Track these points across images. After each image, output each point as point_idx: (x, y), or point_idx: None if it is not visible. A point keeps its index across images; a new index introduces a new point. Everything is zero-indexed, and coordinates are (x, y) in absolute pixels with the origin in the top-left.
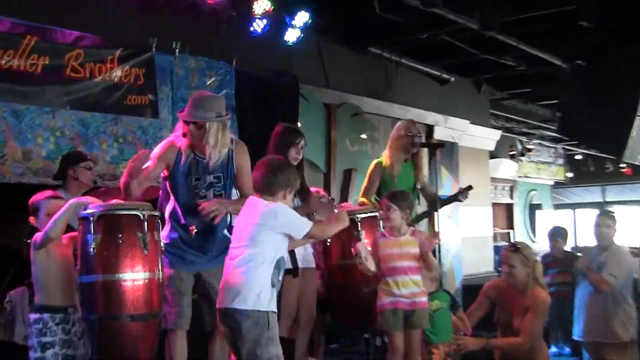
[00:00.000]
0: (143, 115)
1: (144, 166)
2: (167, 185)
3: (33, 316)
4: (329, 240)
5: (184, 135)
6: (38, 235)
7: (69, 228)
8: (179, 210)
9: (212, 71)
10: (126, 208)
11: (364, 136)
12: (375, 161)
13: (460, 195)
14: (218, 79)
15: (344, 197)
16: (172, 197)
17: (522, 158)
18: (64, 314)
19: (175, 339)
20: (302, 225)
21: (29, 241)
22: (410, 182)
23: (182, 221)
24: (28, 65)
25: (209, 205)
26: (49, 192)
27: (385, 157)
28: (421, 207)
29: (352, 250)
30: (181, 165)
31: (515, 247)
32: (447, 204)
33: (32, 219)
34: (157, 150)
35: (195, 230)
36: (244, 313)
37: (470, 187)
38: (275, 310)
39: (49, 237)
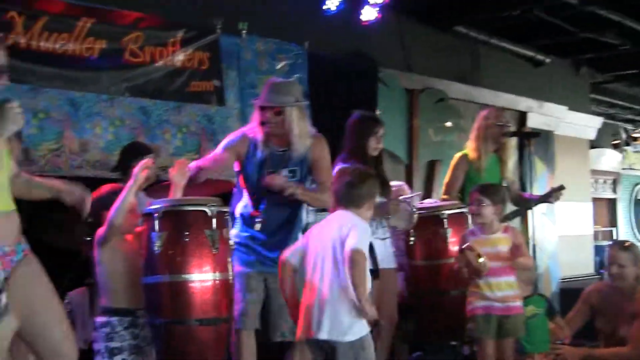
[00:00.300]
0: (208, 102)
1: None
2: (239, 179)
3: (100, 320)
4: (412, 238)
5: (262, 123)
6: (101, 230)
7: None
8: (250, 206)
9: (282, 54)
10: (193, 203)
11: (449, 124)
12: (459, 154)
13: (551, 196)
14: (289, 63)
15: (428, 191)
16: (244, 192)
17: (626, 148)
18: (132, 317)
19: (241, 339)
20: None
21: (89, 239)
22: (497, 176)
23: (254, 218)
24: (84, 49)
25: (278, 179)
26: (109, 187)
27: (470, 149)
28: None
29: (462, 250)
30: (255, 157)
31: (627, 245)
32: (535, 205)
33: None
34: (226, 140)
35: (259, 221)
36: (348, 345)
37: (562, 187)
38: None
39: (114, 225)
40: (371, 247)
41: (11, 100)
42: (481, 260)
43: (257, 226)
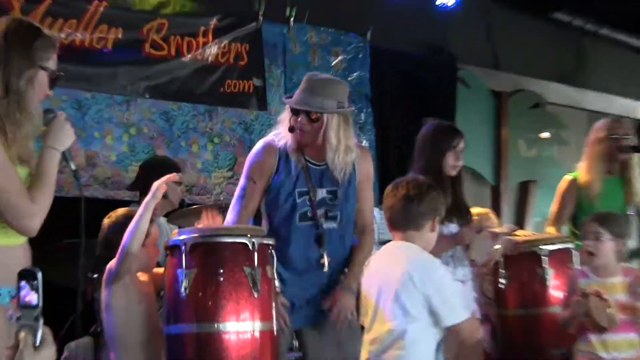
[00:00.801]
0: (246, 106)
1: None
2: (261, 203)
3: None
4: (501, 280)
5: (291, 130)
6: (112, 263)
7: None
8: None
9: (339, 47)
10: (230, 234)
11: (546, 135)
12: (568, 177)
13: None
14: (347, 58)
15: (520, 220)
16: (265, 219)
17: None
18: None
19: None
20: (456, 309)
21: (96, 276)
22: (617, 203)
23: (283, 257)
24: (95, 39)
25: (338, 307)
26: (123, 211)
27: (581, 170)
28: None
29: (584, 294)
30: (285, 172)
31: None
32: None
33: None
34: (250, 163)
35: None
36: None
37: None
38: None
39: (128, 254)
40: None
41: (56, 110)
42: (610, 310)
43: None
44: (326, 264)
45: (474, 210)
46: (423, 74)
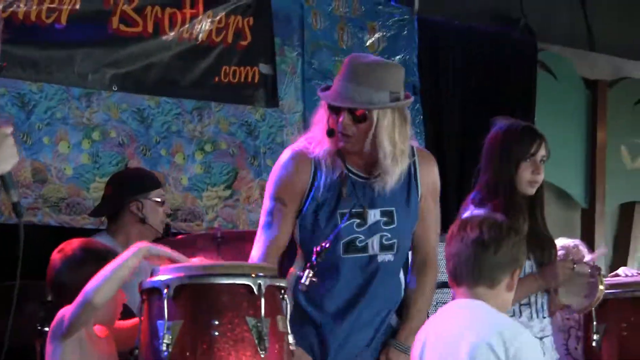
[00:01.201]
0: (250, 101)
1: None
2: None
3: None
4: (595, 336)
5: (330, 133)
6: (67, 310)
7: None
8: (311, 275)
9: (376, 21)
10: (229, 273)
11: None
12: None
13: None
14: (387, 36)
15: (621, 253)
16: (298, 252)
17: None
18: None
19: None
20: None
21: (46, 329)
22: None
23: (320, 297)
24: (44, 11)
25: None
26: (79, 243)
27: None
28: None
29: None
30: (321, 190)
31: None
32: None
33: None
34: (276, 179)
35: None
36: None
37: None
38: None
39: (90, 307)
40: None
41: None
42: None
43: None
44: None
45: (559, 241)
46: (491, 56)
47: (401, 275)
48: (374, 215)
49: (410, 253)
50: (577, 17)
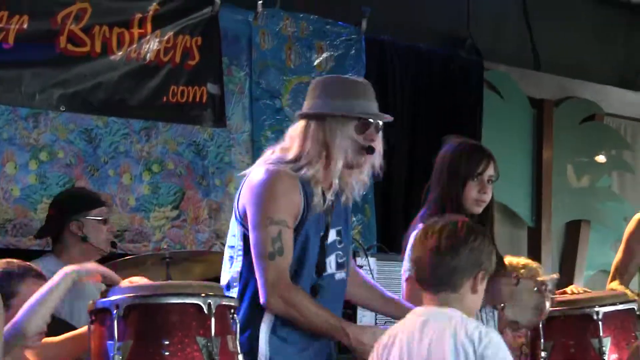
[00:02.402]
0: (198, 121)
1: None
2: None
3: None
4: (543, 353)
5: (372, 150)
6: None
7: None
8: None
9: (323, 41)
10: (179, 292)
11: (602, 159)
12: (638, 215)
13: None
14: (335, 55)
15: (567, 272)
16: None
17: None
18: None
19: None
20: None
21: None
22: None
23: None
24: None
25: None
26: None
27: None
28: None
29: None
30: (310, 211)
31: None
32: None
33: None
34: (271, 201)
35: None
36: None
37: None
38: None
39: (23, 335)
40: None
41: None
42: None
43: None
44: None
45: (511, 259)
46: (438, 76)
47: None
48: (333, 235)
49: None
50: (523, 37)
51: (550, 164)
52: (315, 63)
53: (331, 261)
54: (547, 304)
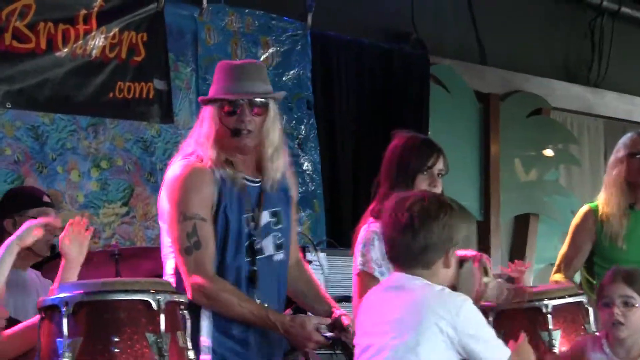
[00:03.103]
0: (145, 117)
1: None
2: None
3: None
4: None
5: (236, 133)
6: None
7: None
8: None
9: (269, 36)
10: (127, 289)
11: (549, 153)
12: (585, 208)
13: None
14: (281, 51)
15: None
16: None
17: None
18: None
19: None
20: (497, 348)
21: None
22: None
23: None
24: None
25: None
26: None
27: (602, 201)
28: None
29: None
30: (226, 199)
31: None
32: None
33: None
34: (187, 196)
35: None
36: None
37: None
38: None
39: None
40: None
41: None
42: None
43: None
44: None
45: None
46: (384, 70)
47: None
48: (265, 217)
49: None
50: (468, 31)
51: (497, 158)
52: (261, 58)
53: (268, 243)
54: (484, 280)
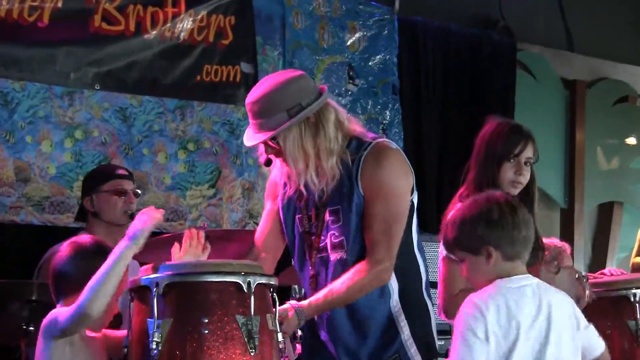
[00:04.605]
0: (232, 100)
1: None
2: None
3: None
4: None
5: (268, 164)
6: (62, 313)
7: None
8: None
9: (356, 21)
10: (218, 271)
11: (632, 141)
12: None
13: None
14: (368, 36)
15: (599, 254)
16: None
17: None
18: None
19: None
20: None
21: (31, 328)
22: None
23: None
24: (26, 10)
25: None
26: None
27: None
28: None
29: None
30: (283, 204)
31: None
32: None
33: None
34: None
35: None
36: None
37: None
38: None
39: (88, 317)
40: None
41: None
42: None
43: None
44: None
45: (546, 240)
46: (470, 56)
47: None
48: (328, 216)
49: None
50: (556, 18)
51: (582, 146)
52: (348, 43)
53: (327, 241)
54: (586, 294)
